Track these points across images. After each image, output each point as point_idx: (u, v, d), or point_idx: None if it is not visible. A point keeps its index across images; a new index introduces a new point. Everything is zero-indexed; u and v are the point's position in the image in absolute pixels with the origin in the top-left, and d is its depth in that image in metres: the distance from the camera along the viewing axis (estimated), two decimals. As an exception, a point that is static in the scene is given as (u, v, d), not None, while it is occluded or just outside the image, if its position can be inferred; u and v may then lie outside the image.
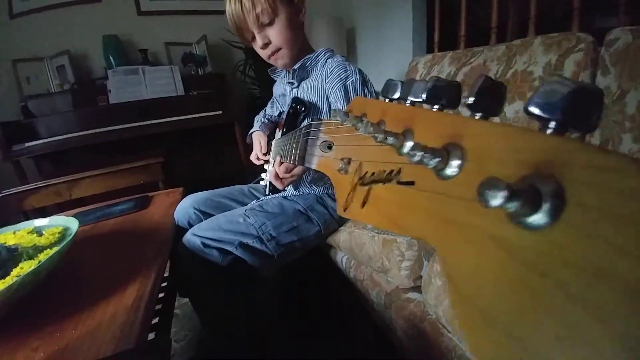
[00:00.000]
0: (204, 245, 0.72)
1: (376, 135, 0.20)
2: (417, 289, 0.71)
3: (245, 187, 1.03)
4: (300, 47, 0.86)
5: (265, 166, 0.99)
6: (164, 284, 0.87)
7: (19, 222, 0.69)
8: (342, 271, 0.94)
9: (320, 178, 0.86)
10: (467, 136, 0.17)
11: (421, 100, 0.21)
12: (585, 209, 0.11)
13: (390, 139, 0.19)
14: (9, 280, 0.47)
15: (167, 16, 2.29)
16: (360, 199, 0.26)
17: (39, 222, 0.68)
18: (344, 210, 0.28)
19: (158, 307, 0.77)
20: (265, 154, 0.95)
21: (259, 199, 0.93)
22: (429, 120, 0.20)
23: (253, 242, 0.75)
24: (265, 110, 1.11)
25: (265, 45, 0.81)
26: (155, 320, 0.73)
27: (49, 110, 1.92)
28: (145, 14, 2.24)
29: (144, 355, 0.42)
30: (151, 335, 0.63)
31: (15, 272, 0.50)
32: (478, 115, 0.17)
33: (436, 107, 0.20)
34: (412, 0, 1.92)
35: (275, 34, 0.79)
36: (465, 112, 0.18)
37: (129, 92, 1.96)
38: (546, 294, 0.12)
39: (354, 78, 0.77)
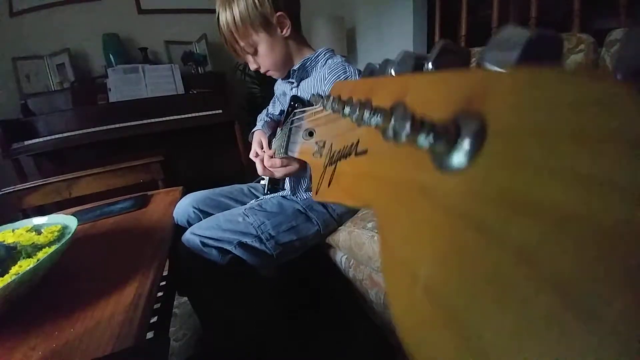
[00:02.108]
0: (203, 244, 0.72)
1: (339, 110, 0.20)
2: (416, 289, 0.70)
3: (244, 187, 1.03)
4: (295, 52, 0.87)
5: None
6: (163, 283, 0.87)
7: (18, 220, 0.69)
8: (341, 271, 0.94)
9: None
10: (410, 92, 0.16)
11: (392, 75, 0.21)
12: (505, 135, 0.10)
13: (347, 110, 0.19)
14: (8, 278, 0.47)
15: (167, 14, 2.28)
16: (327, 179, 0.26)
17: (38, 220, 0.68)
18: (316, 194, 0.28)
19: (157, 306, 0.77)
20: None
21: (258, 198, 0.93)
22: (384, 86, 0.20)
23: (252, 241, 0.75)
24: (267, 109, 1.11)
25: (257, 69, 0.88)
26: (154, 319, 0.72)
27: (48, 109, 1.92)
28: (145, 12, 2.24)
29: (142, 354, 0.42)
30: (150, 334, 0.63)
31: (14, 270, 0.50)
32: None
33: None
34: (413, 0, 1.92)
35: (262, 60, 0.84)
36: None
37: (128, 91, 1.95)
38: (466, 240, 0.10)
39: (352, 79, 0.77)
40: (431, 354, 0.11)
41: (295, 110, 0.47)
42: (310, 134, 0.35)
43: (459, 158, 0.11)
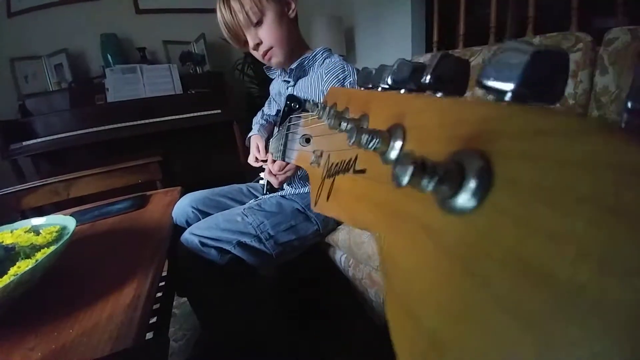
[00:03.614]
0: (202, 244, 0.72)
1: (336, 126, 0.19)
2: (416, 288, 0.71)
3: (243, 186, 1.03)
4: (295, 44, 0.85)
5: (264, 166, 0.99)
6: (162, 283, 0.87)
7: (16, 221, 0.68)
8: (340, 270, 0.94)
9: None
10: (409, 114, 0.16)
11: (388, 86, 0.20)
12: (515, 187, 0.09)
13: (344, 125, 0.19)
14: (6, 279, 0.47)
15: (165, 14, 2.28)
16: (326, 192, 0.25)
17: (36, 221, 0.68)
18: (315, 205, 0.27)
19: (156, 306, 0.77)
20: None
21: (257, 198, 0.93)
22: (381, 102, 0.19)
23: (251, 241, 0.75)
24: (262, 111, 1.11)
25: (257, 45, 0.82)
26: (154, 320, 0.72)
27: (46, 109, 1.91)
28: (143, 12, 2.23)
29: (141, 355, 0.42)
30: (149, 335, 0.62)
31: (13, 271, 0.49)
32: (439, 94, 0.15)
33: (403, 90, 0.18)
34: (411, 0, 1.92)
35: (265, 33, 0.80)
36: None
37: (127, 91, 1.95)
38: (470, 293, 0.10)
39: (351, 78, 0.77)
40: None
41: (292, 116, 0.47)
42: (307, 140, 0.35)
43: (463, 201, 0.11)
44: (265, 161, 0.96)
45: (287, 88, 0.91)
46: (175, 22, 2.30)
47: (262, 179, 1.02)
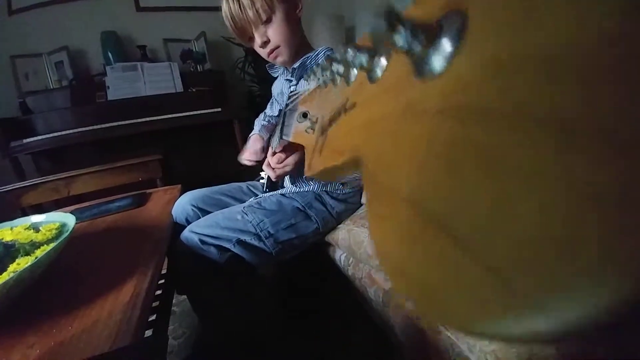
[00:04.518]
0: (202, 242, 0.72)
1: (328, 67, 0.20)
2: (415, 287, 0.70)
3: (243, 185, 1.03)
4: (299, 44, 0.85)
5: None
6: (162, 281, 0.87)
7: (16, 218, 0.68)
8: (340, 269, 0.94)
9: None
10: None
11: None
12: (484, 16, 0.09)
13: (334, 65, 0.19)
14: (6, 276, 0.47)
15: (165, 12, 2.27)
16: (319, 149, 0.25)
17: (36, 218, 0.68)
18: (308, 169, 0.28)
19: (155, 304, 0.77)
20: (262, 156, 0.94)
21: (257, 196, 0.93)
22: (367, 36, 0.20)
23: (251, 239, 0.75)
24: (265, 112, 1.11)
25: (264, 43, 0.81)
26: (153, 318, 0.72)
27: (47, 107, 1.91)
28: (144, 10, 2.23)
29: (140, 353, 0.42)
30: (148, 333, 0.63)
31: (12, 268, 0.49)
32: None
33: None
34: (413, -1, 1.92)
35: (274, 31, 0.79)
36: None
37: (127, 89, 1.95)
38: (446, 132, 0.10)
39: None
40: (423, 267, 0.10)
41: (289, 94, 0.47)
42: (304, 115, 0.35)
43: (439, 58, 0.11)
44: (258, 162, 0.96)
45: (290, 87, 0.91)
46: (176, 20, 2.30)
47: (262, 178, 1.02)
